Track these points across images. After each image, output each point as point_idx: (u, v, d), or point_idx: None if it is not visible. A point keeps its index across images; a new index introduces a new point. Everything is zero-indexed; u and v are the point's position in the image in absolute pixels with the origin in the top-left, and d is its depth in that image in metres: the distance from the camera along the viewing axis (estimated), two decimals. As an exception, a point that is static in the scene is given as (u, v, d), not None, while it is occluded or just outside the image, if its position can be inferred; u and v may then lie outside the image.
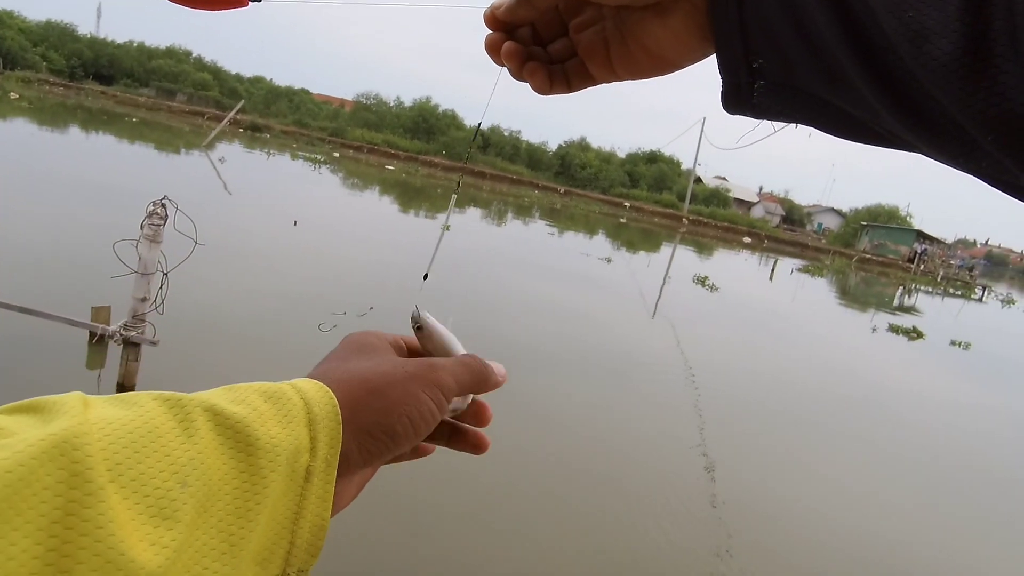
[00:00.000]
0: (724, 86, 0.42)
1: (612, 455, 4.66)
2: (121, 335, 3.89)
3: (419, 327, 0.53)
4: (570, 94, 0.51)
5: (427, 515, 3.47)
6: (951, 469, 6.03)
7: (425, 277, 0.61)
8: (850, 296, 21.02)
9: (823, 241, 52.04)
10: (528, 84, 0.50)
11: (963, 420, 7.81)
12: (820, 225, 65.66)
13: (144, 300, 3.91)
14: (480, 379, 0.50)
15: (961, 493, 5.48)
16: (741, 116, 0.44)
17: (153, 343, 3.93)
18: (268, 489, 0.34)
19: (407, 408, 0.43)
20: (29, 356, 4.25)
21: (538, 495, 3.89)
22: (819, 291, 20.29)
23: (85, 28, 59.14)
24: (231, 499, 0.33)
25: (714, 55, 0.43)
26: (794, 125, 0.47)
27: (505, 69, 0.50)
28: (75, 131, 22.03)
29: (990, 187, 0.36)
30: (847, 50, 0.34)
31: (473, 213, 19.89)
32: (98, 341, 4.39)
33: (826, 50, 0.36)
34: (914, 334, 12.74)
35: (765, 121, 0.45)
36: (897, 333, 12.79)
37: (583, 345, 7.25)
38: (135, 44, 51.84)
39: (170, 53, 51.79)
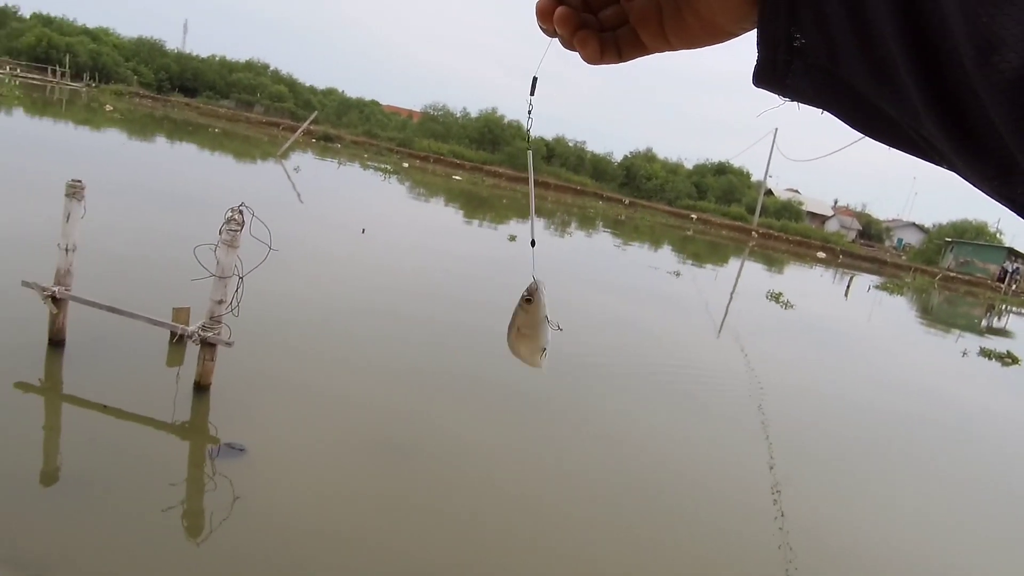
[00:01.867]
0: (759, 60, 0.41)
1: (677, 478, 4.50)
2: (199, 335, 4.03)
3: (528, 299, 0.54)
4: (621, 63, 0.50)
5: (488, 538, 3.43)
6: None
7: (533, 243, 0.66)
8: (934, 316, 19.89)
9: (903, 257, 49.55)
10: (578, 53, 0.48)
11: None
12: (900, 241, 62.60)
13: (221, 302, 4.04)
14: None
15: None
16: (765, 91, 0.42)
17: (228, 344, 4.05)
18: None
19: None
20: (114, 352, 4.45)
21: (602, 520, 3.79)
22: (899, 310, 19.29)
23: (172, 43, 62.62)
24: None
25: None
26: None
27: (555, 40, 0.49)
28: (161, 141, 23.29)
29: (1015, 215, 0.34)
30: (904, 47, 0.33)
31: (536, 224, 19.87)
32: (178, 341, 4.57)
33: (880, 43, 0.34)
34: (1008, 359, 11.89)
35: (792, 102, 0.43)
36: (989, 358, 11.97)
37: (648, 362, 7.08)
38: (217, 58, 54.59)
39: (249, 66, 54.26)
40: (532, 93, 0.56)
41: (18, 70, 38.66)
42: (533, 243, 0.60)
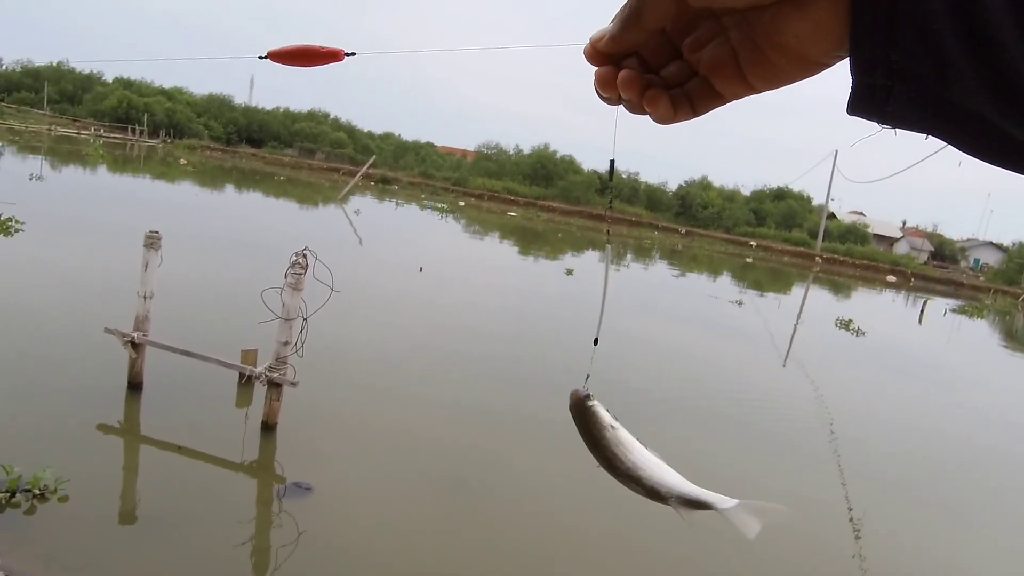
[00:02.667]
0: (854, 86, 0.37)
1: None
2: (266, 376, 4.17)
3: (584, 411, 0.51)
4: (693, 119, 0.47)
5: (551, 574, 3.37)
6: None
7: (595, 342, 0.58)
8: (1019, 340, 18.72)
9: (981, 278, 47.01)
10: (649, 115, 0.46)
11: None
12: (977, 261, 59.46)
13: (286, 344, 4.18)
14: None
15: None
16: (863, 119, 0.39)
17: (293, 384, 4.18)
18: None
19: None
20: (188, 394, 4.65)
21: (674, 557, 3.68)
22: (981, 334, 18.25)
23: (240, 98, 66.26)
24: None
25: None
26: (930, 150, 0.39)
27: (621, 106, 0.46)
28: (230, 190, 24.49)
29: None
30: None
31: (592, 256, 19.83)
32: (246, 382, 4.74)
33: (1006, 62, 0.31)
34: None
35: (890, 128, 0.39)
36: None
37: (713, 394, 6.90)
38: (281, 109, 57.48)
39: (311, 116, 56.88)
40: (611, 179, 0.54)
41: (102, 131, 41.60)
42: (596, 342, 0.55)
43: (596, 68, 0.46)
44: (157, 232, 4.31)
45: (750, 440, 5.71)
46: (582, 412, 0.48)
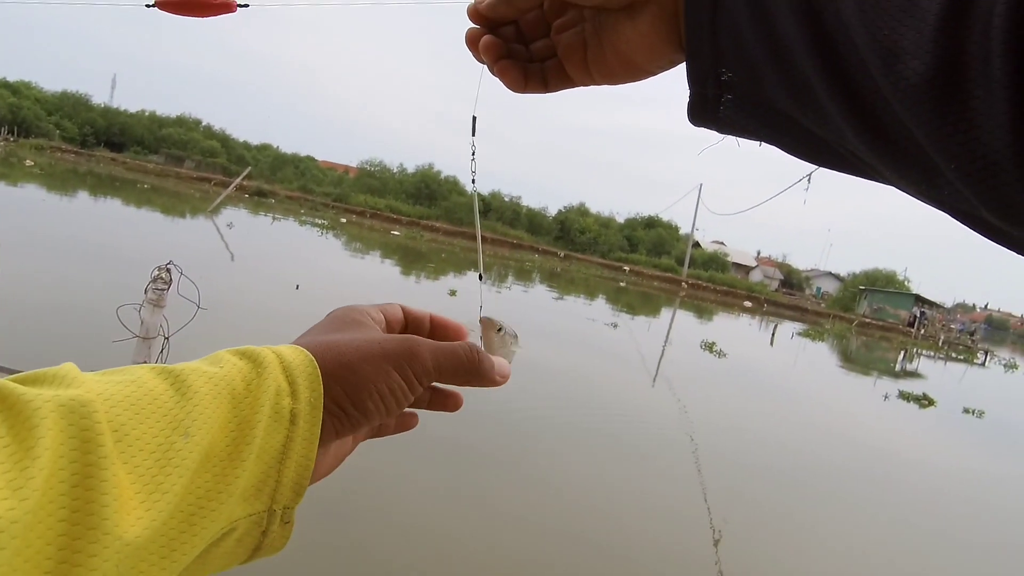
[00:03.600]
0: (691, 97, 0.42)
1: (616, 526, 4.53)
2: (120, 400, 3.85)
3: (500, 328, 0.54)
4: (547, 93, 0.51)
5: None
6: (987, 545, 5.85)
7: (480, 278, 0.65)
8: (853, 361, 20.90)
9: (822, 305, 52.11)
10: (501, 81, 0.50)
11: (985, 491, 7.62)
12: (819, 289, 65.87)
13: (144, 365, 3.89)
14: (467, 370, 0.46)
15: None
16: (705, 128, 0.44)
17: (151, 408, 3.89)
18: (255, 431, 0.36)
19: (378, 385, 0.42)
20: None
21: (538, 570, 3.77)
22: (822, 356, 20.19)
23: (99, 98, 61.10)
24: (226, 443, 0.35)
25: (683, 64, 0.42)
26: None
27: (485, 67, 0.50)
28: (84, 197, 22.45)
29: (954, 220, 0.35)
30: (816, 64, 0.34)
31: (474, 277, 20.01)
32: (96, 405, 4.35)
33: (795, 64, 0.35)
34: (925, 401, 12.56)
35: (729, 135, 0.44)
36: (908, 400, 12.61)
37: (586, 413, 7.16)
38: (147, 113, 53.57)
39: (180, 122, 53.43)
40: (473, 133, 0.56)
41: (-74, 123, 36.86)
42: (481, 277, 0.62)
43: (471, 26, 0.50)
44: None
45: (619, 455, 5.98)
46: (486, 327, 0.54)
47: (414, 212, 44.48)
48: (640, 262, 47.23)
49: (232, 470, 0.35)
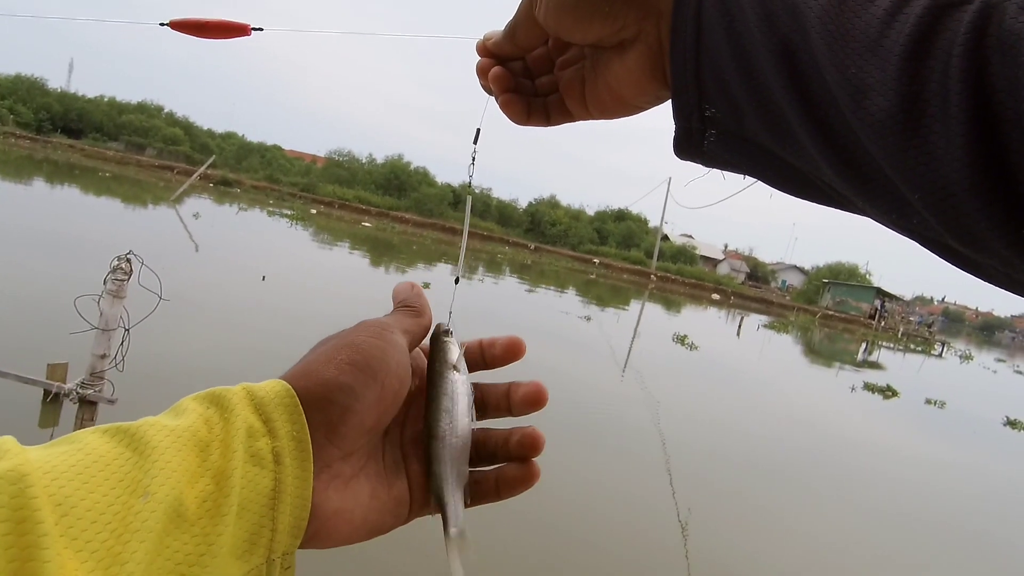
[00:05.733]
0: (677, 131, 0.44)
1: (587, 515, 4.55)
2: (77, 393, 3.73)
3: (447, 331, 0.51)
4: (548, 127, 0.54)
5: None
6: (959, 536, 6.02)
7: (456, 281, 0.63)
8: (817, 352, 21.35)
9: (787, 298, 53.15)
10: (505, 113, 0.52)
11: (952, 480, 7.84)
12: (784, 282, 67.19)
13: (104, 357, 3.77)
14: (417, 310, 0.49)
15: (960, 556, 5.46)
16: (691, 162, 0.45)
17: (111, 401, 3.78)
18: (232, 480, 0.33)
19: (343, 352, 0.41)
20: (-23, 416, 4.04)
21: (509, 559, 3.76)
22: (787, 347, 20.58)
23: (56, 83, 59.11)
24: (200, 499, 0.32)
25: (669, 100, 0.44)
26: (749, 180, 0.47)
27: (493, 99, 0.52)
28: (40, 184, 21.72)
29: (927, 249, 0.37)
30: (792, 101, 0.35)
31: (444, 268, 19.94)
32: (52, 399, 4.21)
33: (773, 100, 0.37)
34: (889, 392, 12.87)
35: (715, 169, 0.47)
36: (873, 392, 12.90)
37: (560, 405, 7.18)
38: (106, 99, 51.91)
39: (141, 108, 51.91)
40: (475, 142, 0.57)
41: None
42: (457, 280, 0.61)
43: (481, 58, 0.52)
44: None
45: (591, 445, 6.01)
46: (434, 341, 0.50)
47: (383, 203, 44.04)
48: (610, 255, 47.52)
49: (213, 528, 0.32)
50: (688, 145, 0.44)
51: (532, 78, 0.53)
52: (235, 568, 0.33)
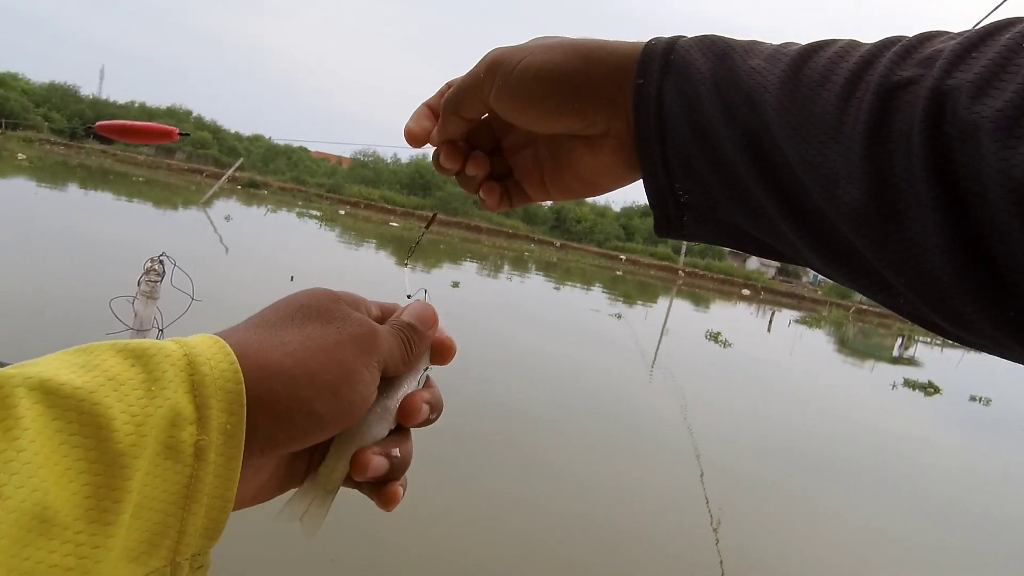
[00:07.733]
0: (655, 217, 0.44)
1: (621, 513, 4.46)
2: (113, 395, 3.74)
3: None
4: (511, 210, 0.53)
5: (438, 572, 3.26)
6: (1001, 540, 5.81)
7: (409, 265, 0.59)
8: (851, 348, 20.90)
9: (819, 292, 52.22)
10: (485, 202, 0.50)
11: (998, 482, 7.59)
12: (816, 277, 66.01)
13: (139, 358, 3.78)
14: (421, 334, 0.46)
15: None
16: (674, 240, 0.46)
17: (147, 403, 3.78)
18: (130, 481, 0.26)
19: (330, 369, 0.36)
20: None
21: (551, 555, 3.69)
22: (820, 343, 20.18)
23: (88, 90, 60.58)
24: (78, 499, 0.25)
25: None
26: None
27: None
28: (74, 189, 22.21)
29: (915, 324, 0.37)
30: (765, 191, 0.36)
31: (470, 267, 19.94)
32: (89, 401, 4.23)
33: (745, 189, 0.37)
34: (931, 389, 12.49)
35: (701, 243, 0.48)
36: (913, 388, 12.54)
37: (587, 399, 7.09)
38: (136, 104, 53.08)
39: (170, 113, 52.90)
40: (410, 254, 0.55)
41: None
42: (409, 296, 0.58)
43: (438, 145, 0.49)
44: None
45: (623, 440, 5.91)
46: None
47: (409, 203, 44.26)
48: (637, 251, 47.15)
49: (99, 529, 0.25)
50: (668, 229, 0.44)
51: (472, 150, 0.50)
52: (127, 572, 0.27)
